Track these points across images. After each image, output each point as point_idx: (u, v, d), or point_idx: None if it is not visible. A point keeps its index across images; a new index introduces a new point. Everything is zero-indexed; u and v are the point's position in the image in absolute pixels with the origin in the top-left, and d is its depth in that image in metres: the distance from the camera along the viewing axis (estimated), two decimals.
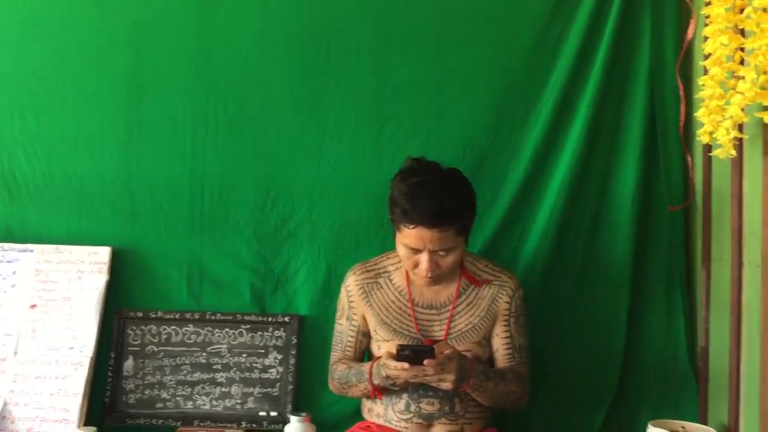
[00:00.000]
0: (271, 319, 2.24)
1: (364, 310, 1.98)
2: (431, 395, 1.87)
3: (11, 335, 2.17)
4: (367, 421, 1.98)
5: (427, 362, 1.72)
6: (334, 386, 2.01)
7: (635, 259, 2.20)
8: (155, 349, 2.22)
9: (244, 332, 2.23)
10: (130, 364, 2.22)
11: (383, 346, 1.93)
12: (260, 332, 2.23)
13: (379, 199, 2.15)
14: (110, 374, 2.19)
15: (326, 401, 2.18)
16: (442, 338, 1.90)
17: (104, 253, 2.23)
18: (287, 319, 2.24)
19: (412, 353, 1.74)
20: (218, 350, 2.23)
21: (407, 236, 1.81)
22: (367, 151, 2.25)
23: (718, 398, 2.04)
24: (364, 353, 2.03)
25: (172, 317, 2.23)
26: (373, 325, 1.97)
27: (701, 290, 2.14)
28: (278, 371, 2.22)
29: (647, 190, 2.22)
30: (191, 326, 2.23)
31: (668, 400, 2.19)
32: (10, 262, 2.23)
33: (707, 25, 1.68)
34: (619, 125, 2.23)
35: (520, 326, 1.96)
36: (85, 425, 2.08)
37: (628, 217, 2.20)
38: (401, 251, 1.86)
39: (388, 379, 1.79)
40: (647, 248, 2.23)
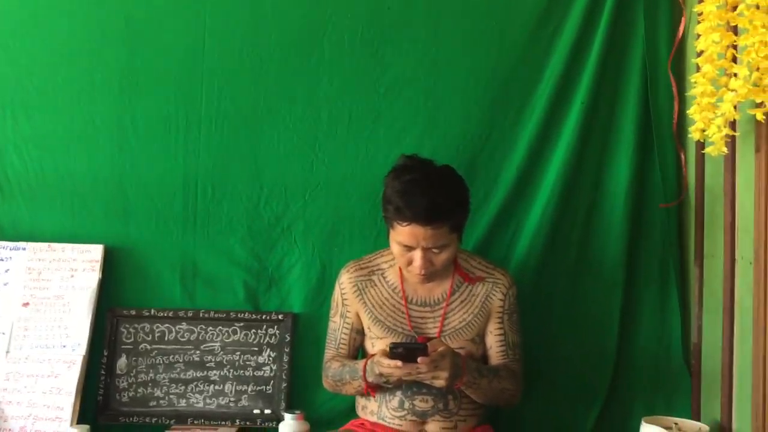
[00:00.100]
0: (264, 316, 2.23)
1: (357, 307, 1.98)
2: (425, 392, 1.87)
3: (4, 334, 2.16)
4: (361, 418, 1.98)
5: (420, 360, 1.72)
6: (328, 384, 2.01)
7: (628, 256, 2.21)
8: (148, 347, 2.22)
9: (237, 330, 2.23)
10: (123, 362, 2.21)
11: (377, 343, 1.93)
12: (254, 330, 2.23)
13: (372, 196, 2.16)
14: (103, 372, 2.19)
15: (320, 399, 2.18)
16: (435, 335, 1.90)
17: (97, 251, 2.22)
18: (281, 316, 2.23)
19: (405, 351, 1.74)
20: (212, 348, 2.23)
21: (401, 233, 1.80)
22: (360, 148, 2.25)
23: (711, 394, 2.04)
24: (358, 351, 2.03)
25: (165, 315, 2.23)
26: (366, 322, 1.97)
27: (694, 287, 2.15)
28: (272, 369, 2.22)
29: (641, 187, 2.22)
30: (185, 324, 2.23)
31: (661, 396, 2.19)
32: (2, 260, 2.22)
33: (700, 22, 1.68)
34: (612, 122, 2.23)
35: (513, 323, 1.96)
36: (78, 423, 2.07)
37: (621, 214, 2.20)
38: (395, 249, 1.86)
39: (381, 376, 1.80)
40: (640, 245, 2.23)
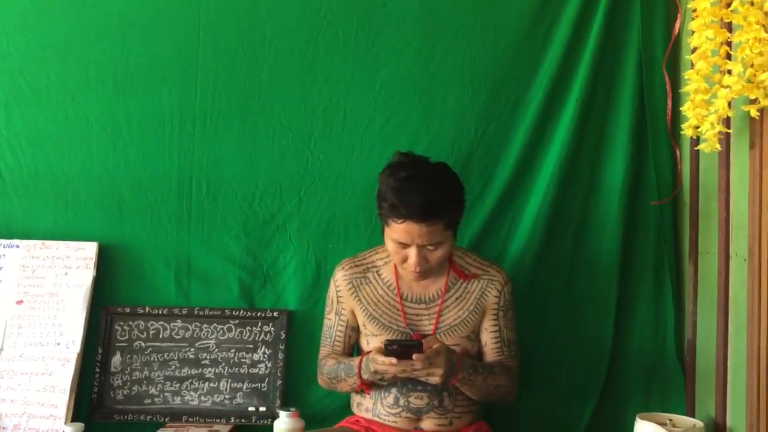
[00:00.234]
0: (259, 314, 2.23)
1: (352, 304, 1.97)
2: (420, 389, 1.87)
3: None
4: (356, 415, 1.98)
5: (415, 357, 1.72)
6: (323, 381, 2.01)
7: (623, 253, 2.21)
8: (143, 344, 2.21)
9: (232, 327, 2.23)
10: (117, 359, 2.21)
11: (372, 340, 1.93)
12: (249, 327, 2.23)
13: (367, 193, 2.15)
14: (98, 370, 2.18)
15: (315, 396, 2.18)
16: (430, 332, 1.90)
17: (91, 248, 2.21)
18: (276, 314, 2.23)
19: (400, 348, 1.74)
20: (206, 345, 2.22)
21: (396, 231, 1.80)
22: (355, 145, 2.25)
23: (705, 391, 2.05)
24: (353, 348, 2.03)
25: (159, 313, 2.22)
26: (361, 319, 1.97)
27: (689, 284, 2.15)
28: (267, 366, 2.21)
29: (636, 183, 2.22)
30: (179, 322, 2.23)
31: (656, 393, 2.20)
32: None
33: (694, 19, 1.68)
34: (607, 118, 2.23)
35: (508, 320, 1.96)
36: (72, 421, 2.06)
37: (616, 210, 2.20)
38: (390, 246, 1.86)
39: (376, 373, 1.79)
40: (635, 242, 2.23)
